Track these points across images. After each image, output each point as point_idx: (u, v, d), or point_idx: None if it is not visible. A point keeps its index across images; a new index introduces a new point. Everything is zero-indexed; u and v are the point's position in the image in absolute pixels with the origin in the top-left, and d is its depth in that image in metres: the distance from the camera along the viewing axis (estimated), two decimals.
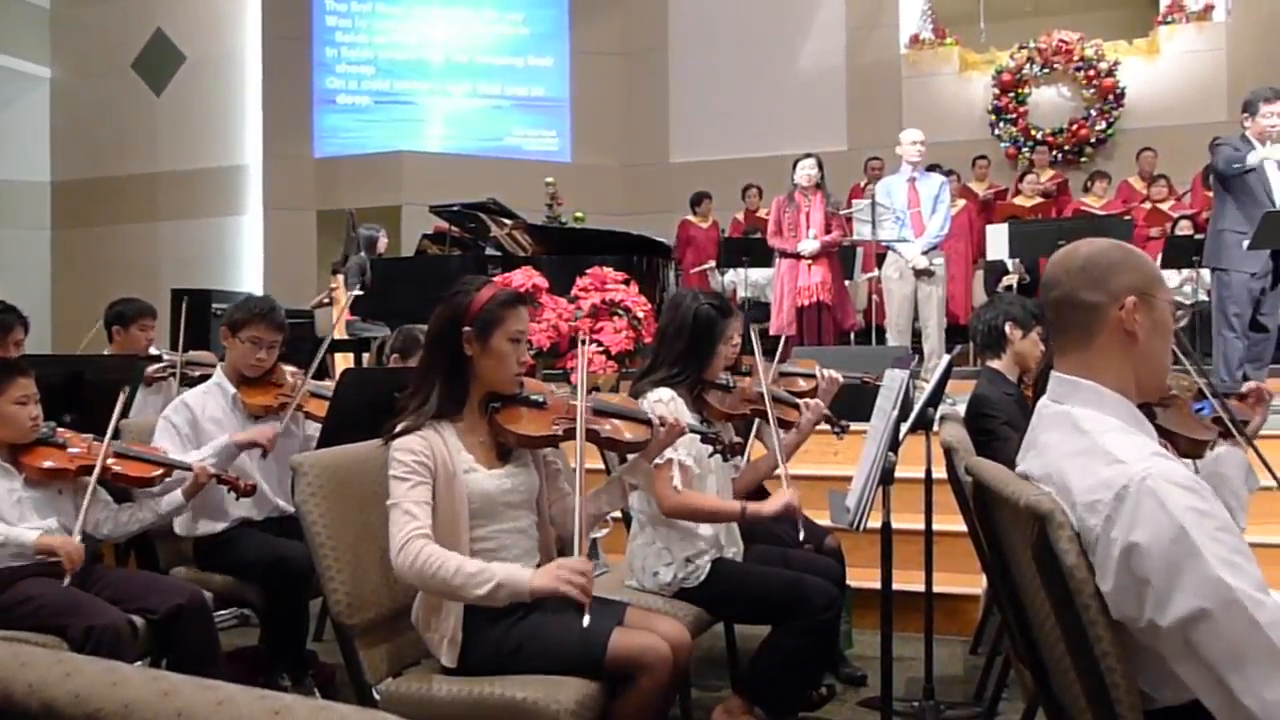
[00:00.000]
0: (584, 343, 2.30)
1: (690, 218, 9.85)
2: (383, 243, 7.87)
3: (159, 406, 3.74)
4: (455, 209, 7.13)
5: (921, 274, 6.07)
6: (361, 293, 7.26)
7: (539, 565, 2.22)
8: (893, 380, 2.22)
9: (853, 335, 8.22)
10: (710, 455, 2.53)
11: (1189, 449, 1.89)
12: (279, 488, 3.13)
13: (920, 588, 3.17)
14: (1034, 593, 1.69)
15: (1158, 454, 1.49)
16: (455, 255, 7.12)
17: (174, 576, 2.97)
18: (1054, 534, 1.47)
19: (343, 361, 7.14)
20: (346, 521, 2.14)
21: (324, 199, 11.36)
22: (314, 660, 3.17)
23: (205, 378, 3.37)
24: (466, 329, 2.11)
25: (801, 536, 2.65)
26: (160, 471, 2.71)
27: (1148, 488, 1.39)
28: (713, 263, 8.92)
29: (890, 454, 2.11)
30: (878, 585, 2.69)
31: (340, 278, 7.65)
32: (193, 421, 3.08)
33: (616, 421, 2.28)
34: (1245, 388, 2.13)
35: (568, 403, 2.20)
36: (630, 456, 2.35)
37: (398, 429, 2.08)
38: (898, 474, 3.58)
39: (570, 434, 2.14)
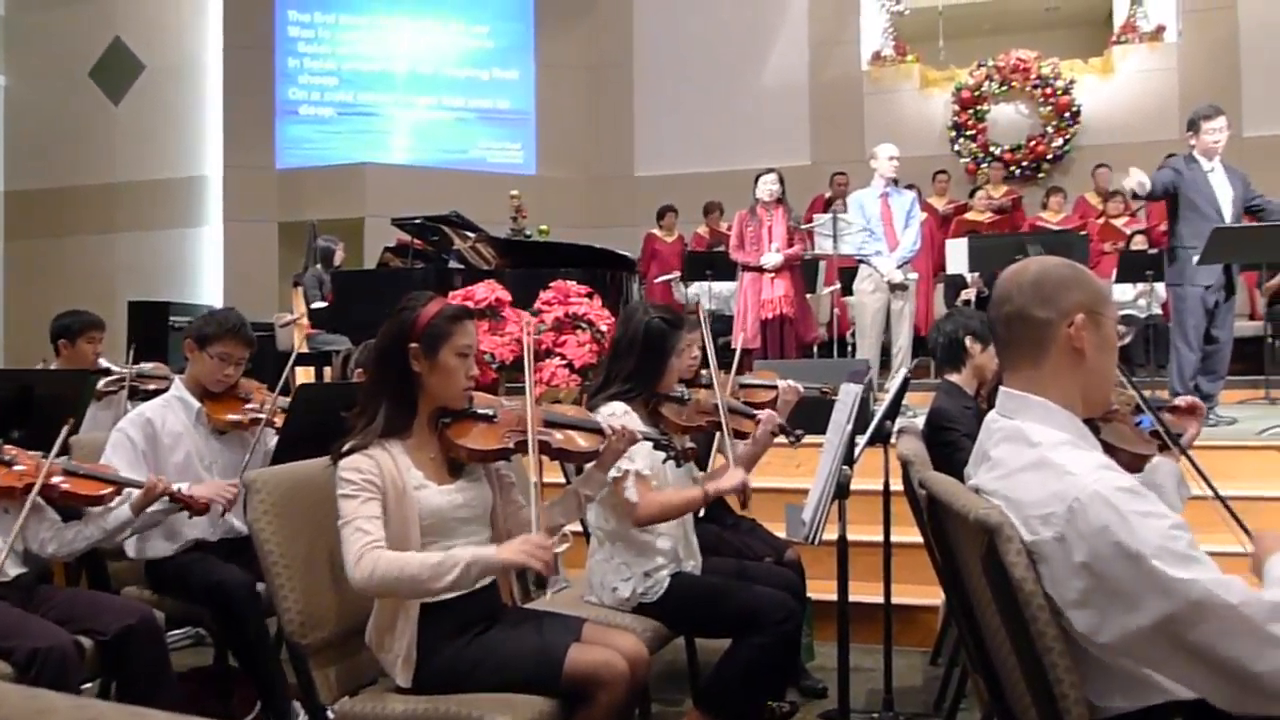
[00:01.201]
0: (529, 352, 2.27)
1: (655, 231, 9.89)
2: (339, 255, 7.81)
3: (110, 422, 3.63)
4: (417, 222, 7.09)
5: (895, 288, 6.11)
6: (322, 305, 7.21)
7: (494, 580, 2.21)
8: (848, 394, 2.23)
9: (815, 348, 8.28)
10: (664, 461, 2.53)
11: (1131, 463, 1.92)
12: (235, 508, 3.08)
13: (880, 599, 3.19)
14: (985, 604, 1.70)
15: (1106, 466, 1.51)
16: (417, 268, 7.08)
17: (125, 597, 2.91)
18: (1002, 547, 1.49)
19: (304, 376, 7.08)
20: (300, 539, 2.12)
21: (286, 210, 11.25)
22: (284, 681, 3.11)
23: (158, 392, 3.30)
24: (413, 345, 2.10)
25: (745, 506, 2.64)
26: (110, 490, 2.63)
27: (1100, 498, 1.41)
28: (677, 274, 8.94)
29: (845, 467, 2.12)
30: (832, 598, 2.70)
31: (300, 290, 7.59)
32: (152, 437, 2.99)
33: (568, 431, 2.27)
34: (1179, 400, 2.18)
35: (518, 415, 2.19)
36: (585, 467, 2.35)
37: (345, 448, 2.06)
38: (857, 486, 3.60)
39: (522, 447, 2.15)
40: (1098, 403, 1.67)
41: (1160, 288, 7.93)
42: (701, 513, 2.96)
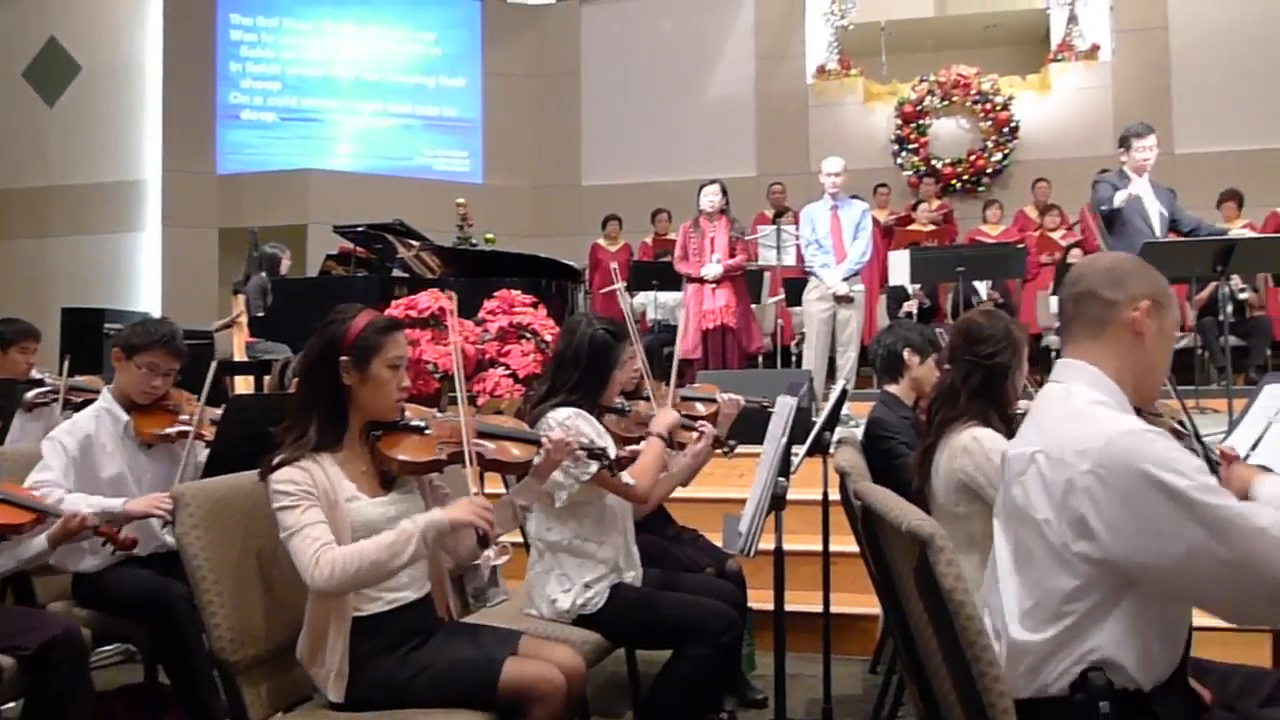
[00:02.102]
0: (459, 363, 2.26)
1: (600, 241, 9.90)
2: (286, 263, 7.70)
3: (39, 434, 3.52)
4: (360, 230, 7.02)
5: (841, 300, 6.15)
6: (263, 314, 7.09)
7: (430, 593, 2.19)
8: (783, 406, 2.25)
9: (760, 358, 8.34)
10: (598, 470, 2.53)
11: None
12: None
13: (819, 609, 3.21)
14: (918, 614, 1.73)
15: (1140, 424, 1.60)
16: (360, 276, 7.01)
17: (51, 612, 2.83)
18: (934, 557, 1.52)
19: (243, 385, 6.95)
20: (230, 554, 2.08)
21: (227, 216, 11.08)
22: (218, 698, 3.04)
23: (90, 404, 3.22)
24: (343, 358, 2.08)
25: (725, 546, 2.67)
26: (31, 519, 2.49)
27: (1133, 434, 1.51)
28: (622, 284, 8.94)
29: (781, 479, 2.14)
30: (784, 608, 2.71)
31: (242, 298, 7.46)
32: (85, 446, 2.91)
33: (503, 442, 2.26)
34: (1219, 449, 2.17)
35: (451, 426, 2.18)
36: (522, 478, 2.33)
37: (275, 462, 2.02)
38: (797, 496, 3.62)
39: (455, 458, 2.12)
40: (1146, 392, 1.74)
41: None
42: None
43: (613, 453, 2.44)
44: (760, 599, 3.34)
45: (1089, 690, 1.54)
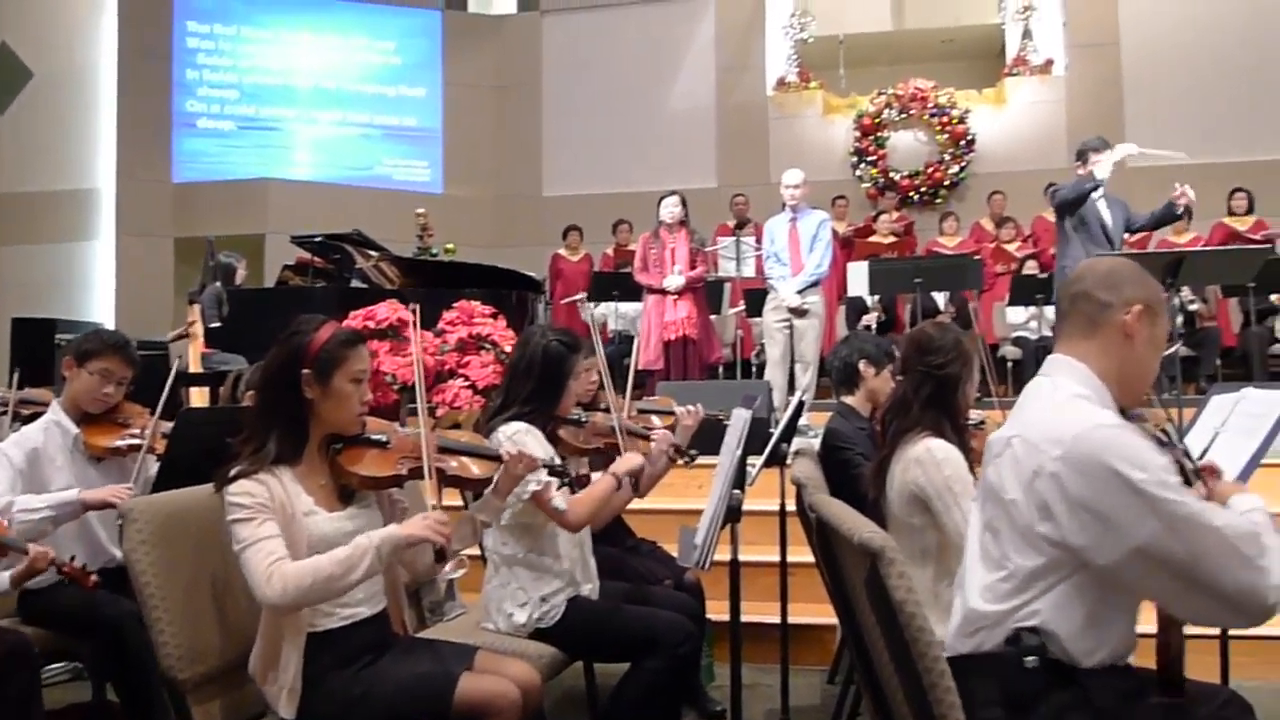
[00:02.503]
0: (420, 377, 2.25)
1: (561, 251, 9.90)
2: (241, 273, 7.61)
3: None
4: (317, 240, 6.96)
5: (796, 312, 6.17)
6: (219, 324, 7.00)
7: (385, 608, 2.17)
8: (738, 419, 2.26)
9: (721, 369, 8.37)
10: (558, 488, 2.52)
11: None
12: (116, 537, 2.95)
13: (777, 619, 3.22)
14: (872, 625, 1.74)
15: (1114, 420, 1.64)
16: (318, 286, 6.94)
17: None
18: (884, 569, 1.53)
19: (198, 397, 6.85)
20: (180, 570, 2.05)
21: (182, 226, 10.95)
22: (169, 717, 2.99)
23: (40, 416, 3.15)
24: (305, 371, 2.06)
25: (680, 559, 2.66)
26: None
27: (1103, 429, 1.56)
28: (583, 295, 8.95)
29: (736, 491, 2.15)
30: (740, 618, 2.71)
31: (197, 308, 7.36)
32: (33, 459, 2.86)
33: (463, 458, 2.25)
34: (1203, 463, 2.19)
35: (412, 441, 2.16)
36: (483, 493, 2.32)
37: (231, 474, 1.99)
38: (756, 507, 3.64)
39: (415, 473, 2.11)
40: (1133, 394, 1.79)
41: (1050, 310, 8.26)
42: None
43: (573, 470, 2.44)
44: (719, 610, 3.34)
45: (1020, 646, 1.60)
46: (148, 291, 10.67)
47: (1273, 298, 8.09)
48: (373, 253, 6.95)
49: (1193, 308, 8.03)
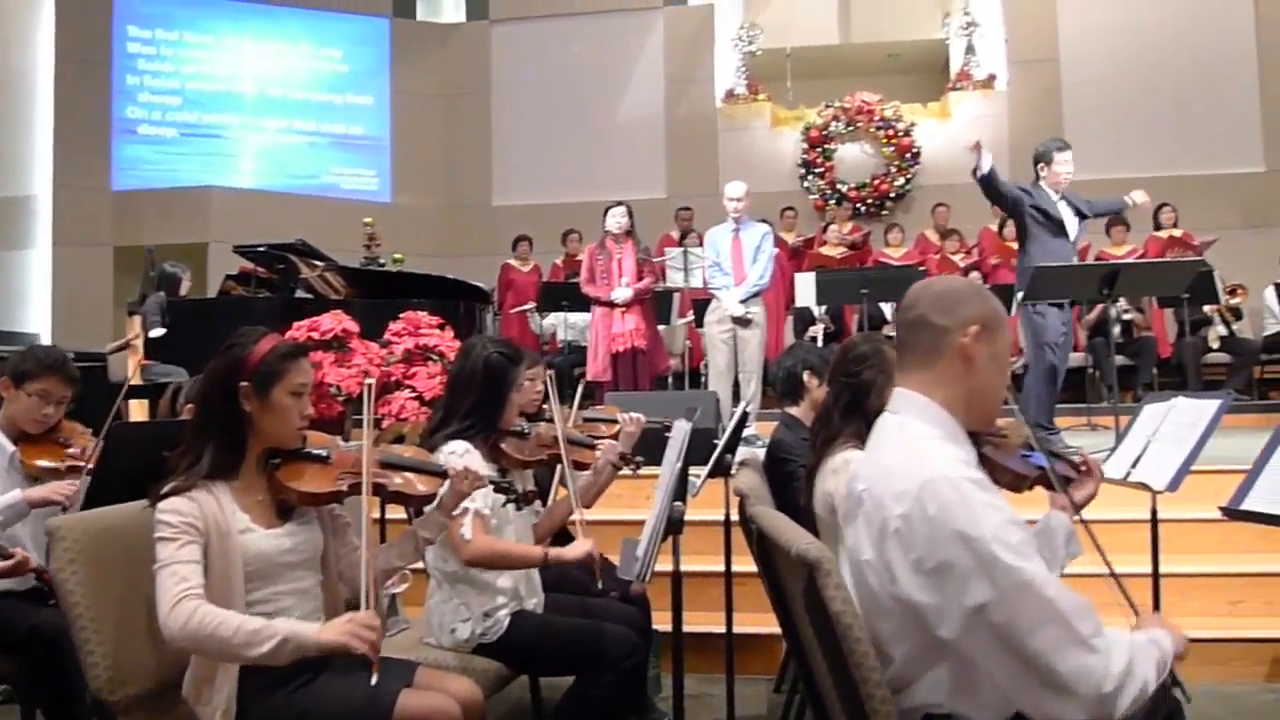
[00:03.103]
0: (369, 392, 2.20)
1: (511, 261, 9.87)
2: (186, 283, 7.48)
3: None
4: (261, 249, 6.86)
5: (739, 321, 6.22)
6: (163, 333, 6.87)
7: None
8: (679, 431, 2.27)
9: (670, 379, 8.39)
10: (504, 505, 2.51)
11: (1011, 483, 1.96)
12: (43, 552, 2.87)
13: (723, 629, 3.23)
14: (810, 636, 1.75)
15: (964, 461, 1.60)
16: (261, 297, 6.84)
17: None
18: (821, 581, 1.54)
19: (138, 409, 6.72)
20: (110, 589, 2.00)
21: (122, 234, 10.73)
22: None
23: None
24: (244, 384, 2.02)
25: (601, 585, 2.65)
26: None
27: (949, 481, 1.50)
28: (532, 305, 8.93)
29: (677, 503, 2.15)
30: (685, 629, 2.71)
31: (137, 319, 7.22)
32: None
33: (407, 474, 2.21)
34: (1079, 457, 2.20)
35: (354, 456, 2.12)
36: (425, 509, 2.30)
37: (165, 489, 1.95)
38: (702, 517, 3.65)
39: (356, 489, 2.07)
40: (983, 416, 1.74)
41: None
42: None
43: (519, 488, 2.43)
44: (665, 622, 3.33)
45: None
46: (86, 302, 10.44)
47: (1206, 309, 8.32)
48: (318, 263, 6.86)
49: (1128, 318, 8.22)
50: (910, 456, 1.58)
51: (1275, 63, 10.49)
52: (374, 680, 1.88)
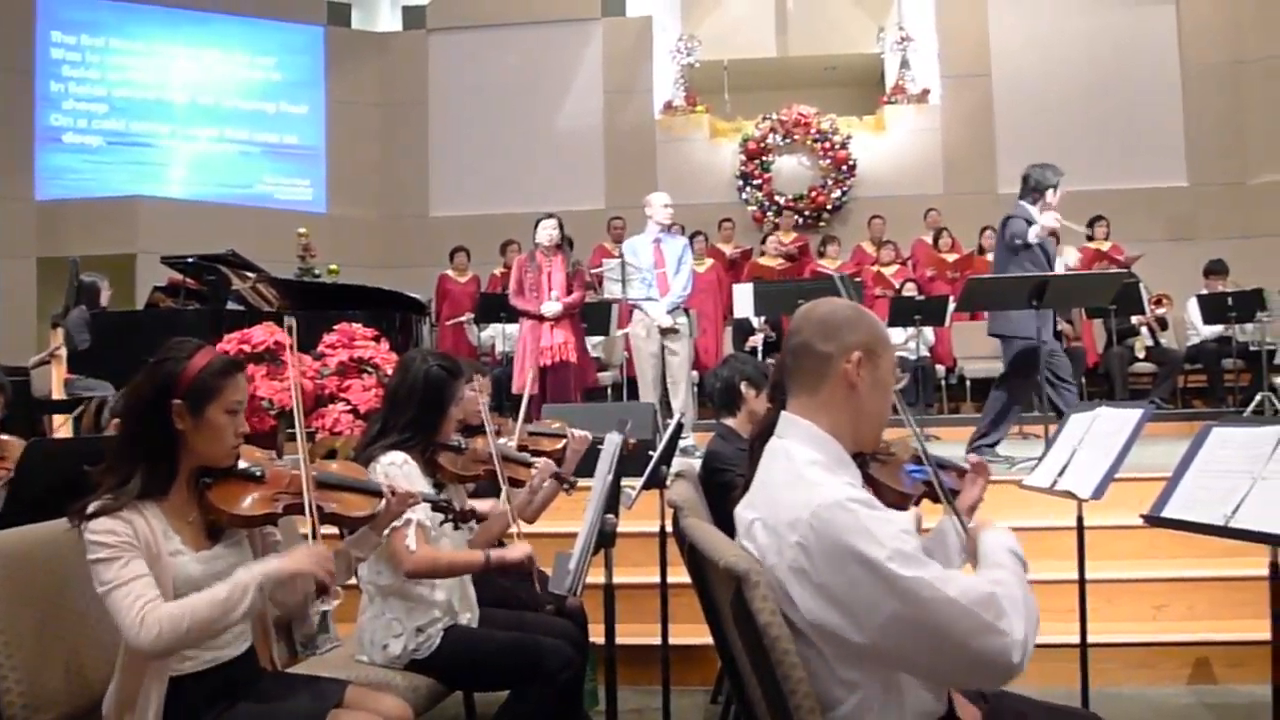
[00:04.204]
0: (299, 408, 2.15)
1: (448, 272, 9.80)
2: (105, 294, 7.29)
3: None
4: (190, 260, 6.72)
5: (667, 332, 6.26)
6: (87, 346, 6.70)
7: (253, 645, 2.08)
8: (610, 443, 2.27)
9: (609, 390, 8.39)
10: (441, 524, 2.48)
11: (896, 501, 2.00)
12: None
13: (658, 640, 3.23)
14: (740, 647, 1.75)
15: (849, 485, 1.61)
16: (190, 309, 6.69)
17: None
18: (749, 593, 1.54)
19: (61, 424, 6.52)
20: (25, 611, 1.93)
21: (46, 245, 10.43)
22: None
23: None
24: (177, 401, 1.94)
25: (539, 589, 2.63)
26: None
27: (840, 505, 1.52)
28: (470, 316, 8.87)
29: (610, 516, 2.15)
30: (623, 641, 2.70)
31: (61, 332, 7.02)
32: None
33: (343, 494, 2.16)
34: (969, 460, 2.24)
35: (289, 474, 2.07)
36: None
37: (91, 509, 1.86)
38: (638, 528, 3.65)
39: (292, 509, 2.02)
40: (868, 438, 1.77)
41: (929, 331, 8.54)
42: None
43: (456, 505, 2.40)
44: (602, 634, 3.34)
45: None
46: (8, 314, 10.12)
47: (1133, 319, 8.56)
48: (249, 274, 6.74)
49: (1059, 329, 8.41)
50: (798, 483, 1.60)
51: (1198, 82, 10.85)
52: (320, 642, 1.87)
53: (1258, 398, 7.51)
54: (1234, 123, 10.83)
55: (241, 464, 2.05)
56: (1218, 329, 8.28)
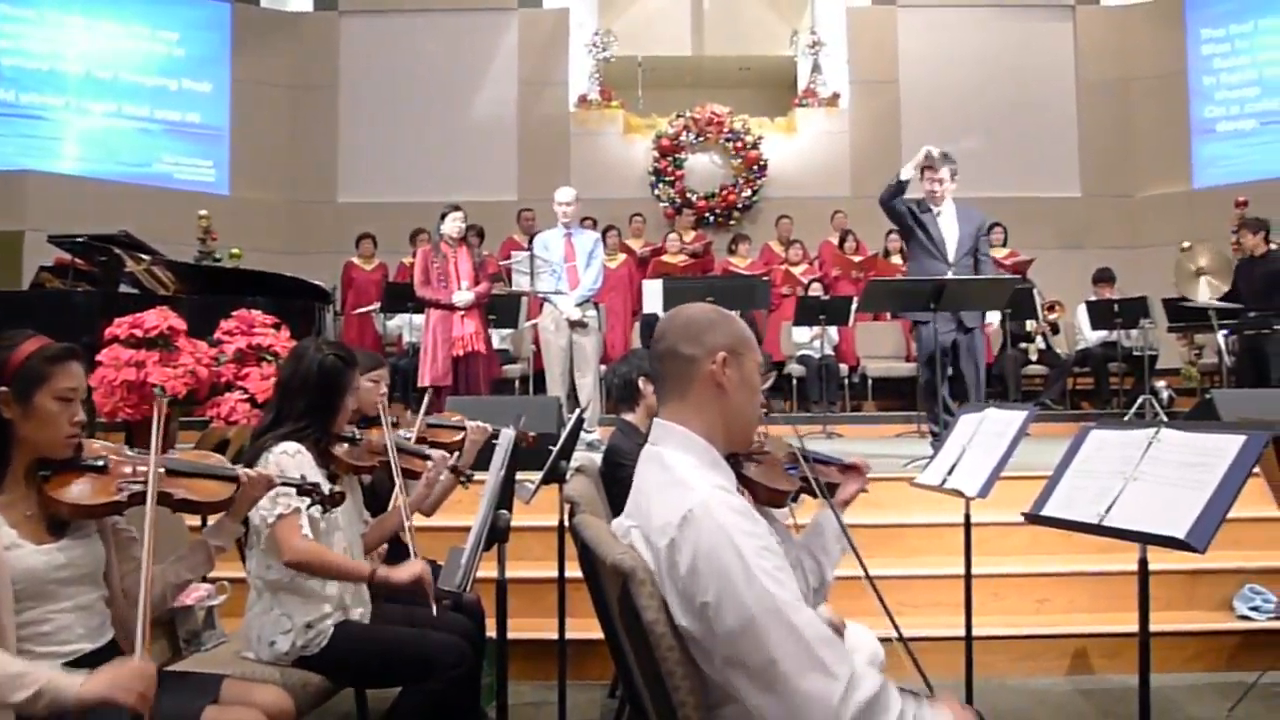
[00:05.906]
0: (161, 395, 2.07)
1: (355, 259, 9.62)
2: None
3: None
4: (79, 240, 6.45)
5: (575, 325, 6.28)
6: None
7: (113, 640, 2.01)
8: (505, 439, 2.26)
9: (517, 382, 8.35)
10: (309, 508, 2.43)
11: (769, 498, 2.06)
12: None
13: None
14: (628, 644, 1.77)
15: (721, 488, 1.64)
16: (79, 290, 6.42)
17: None
18: (635, 590, 1.56)
19: None
20: None
21: None
22: None
23: None
24: (3, 389, 1.88)
25: (435, 611, 2.60)
26: None
27: (709, 509, 1.54)
28: (376, 305, 8.72)
29: (503, 512, 2.14)
30: (521, 636, 2.70)
31: None
32: None
33: (195, 480, 2.10)
34: (850, 459, 2.33)
35: (135, 464, 2.01)
36: (215, 517, 2.19)
37: None
38: (537, 523, 3.65)
39: (137, 499, 1.95)
40: (740, 438, 1.79)
41: (833, 330, 8.71)
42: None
43: (327, 489, 2.35)
44: (510, 628, 3.32)
45: None
46: None
47: (1029, 326, 8.88)
48: (144, 256, 6.50)
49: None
50: (670, 488, 1.62)
51: (1092, 96, 11.30)
52: (204, 639, 1.79)
53: (1140, 400, 7.86)
54: (1124, 137, 11.31)
55: (84, 457, 1.99)
56: (1105, 334, 8.63)
